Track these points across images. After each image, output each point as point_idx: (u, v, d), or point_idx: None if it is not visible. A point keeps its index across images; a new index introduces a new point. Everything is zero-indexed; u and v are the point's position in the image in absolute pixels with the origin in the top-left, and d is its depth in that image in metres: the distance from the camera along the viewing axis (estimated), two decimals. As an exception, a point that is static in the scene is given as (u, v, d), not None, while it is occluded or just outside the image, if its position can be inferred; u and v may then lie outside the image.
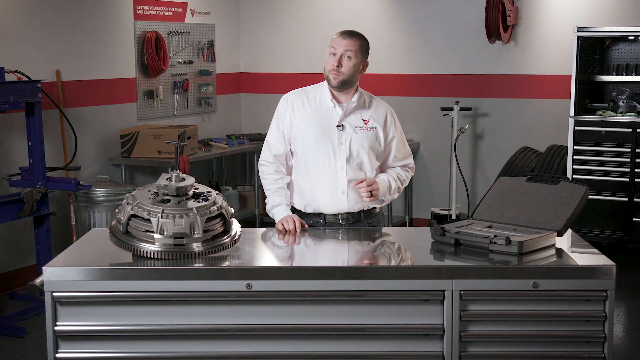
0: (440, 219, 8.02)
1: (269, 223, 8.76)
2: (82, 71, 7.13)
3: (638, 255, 7.51)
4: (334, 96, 4.06)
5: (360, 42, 4.00)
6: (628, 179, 6.98)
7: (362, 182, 3.97)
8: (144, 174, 7.72)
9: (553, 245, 3.51)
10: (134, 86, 7.69)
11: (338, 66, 3.96)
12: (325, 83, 4.09)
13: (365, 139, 4.05)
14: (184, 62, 8.27)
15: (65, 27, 6.93)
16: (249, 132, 9.00)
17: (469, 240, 3.48)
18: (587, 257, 3.44)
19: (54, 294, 3.18)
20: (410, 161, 4.26)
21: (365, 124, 4.06)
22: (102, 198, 6.62)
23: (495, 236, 3.41)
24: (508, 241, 3.34)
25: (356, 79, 4.04)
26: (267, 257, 3.69)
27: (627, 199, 6.99)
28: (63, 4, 6.90)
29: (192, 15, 8.40)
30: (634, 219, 7.01)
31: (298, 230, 3.88)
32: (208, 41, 8.61)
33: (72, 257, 3.42)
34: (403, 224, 8.45)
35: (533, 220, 3.62)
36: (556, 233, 3.52)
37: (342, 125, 4.03)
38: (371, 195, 3.97)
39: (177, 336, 3.22)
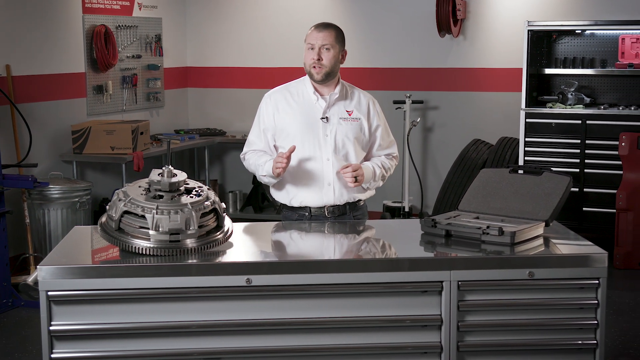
0: (392, 212, 8.08)
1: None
2: (31, 66, 6.96)
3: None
4: (316, 89, 4.07)
5: (335, 33, 4.03)
6: (578, 170, 7.15)
7: (347, 167, 3.95)
8: (95, 170, 7.59)
9: (541, 235, 3.57)
10: (84, 81, 7.54)
11: (319, 59, 3.97)
12: (306, 77, 4.09)
13: (350, 129, 4.06)
14: (133, 56, 8.14)
15: (14, 21, 6.75)
16: (196, 127, 8.89)
17: (461, 231, 3.52)
18: (577, 247, 3.51)
19: (49, 293, 3.10)
20: (394, 150, 4.28)
21: (349, 114, 4.07)
22: (57, 195, 6.49)
23: (487, 227, 3.45)
24: (501, 232, 3.39)
25: (337, 69, 4.06)
26: (262, 252, 3.67)
27: (577, 189, 7.16)
28: (12, -4, 6.73)
29: (140, 9, 8.28)
30: (584, 209, 7.19)
31: (288, 159, 3.87)
32: (155, 35, 8.49)
33: (64, 256, 3.32)
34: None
35: (519, 211, 3.67)
36: (544, 223, 3.59)
37: (327, 117, 4.04)
38: (356, 181, 3.95)
39: (177, 333, 3.18)
